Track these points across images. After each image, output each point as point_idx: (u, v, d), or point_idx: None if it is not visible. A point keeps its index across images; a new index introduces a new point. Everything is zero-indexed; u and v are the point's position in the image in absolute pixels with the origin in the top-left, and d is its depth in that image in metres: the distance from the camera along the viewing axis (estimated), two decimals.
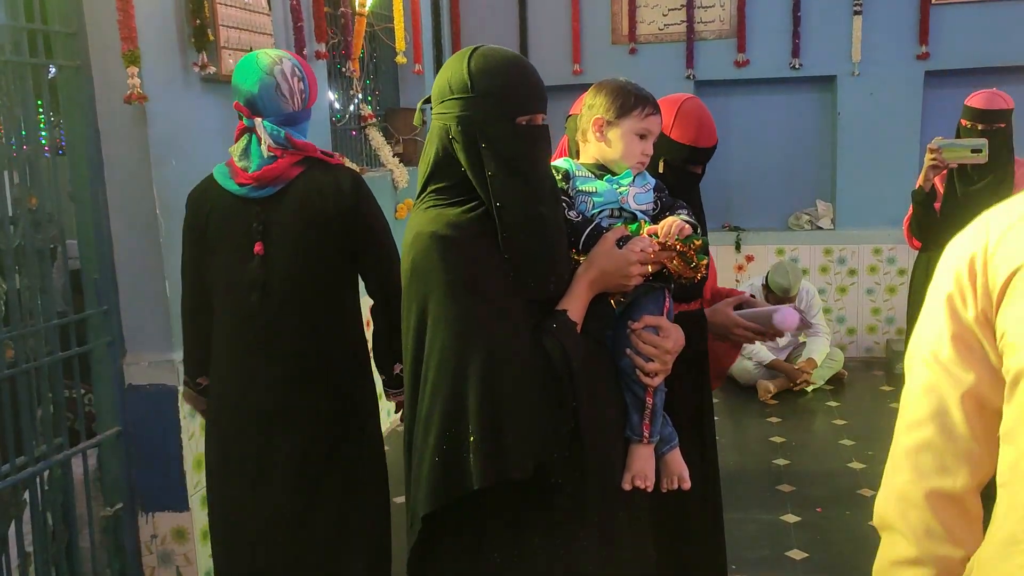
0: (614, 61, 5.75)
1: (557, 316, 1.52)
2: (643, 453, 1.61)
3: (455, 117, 1.51)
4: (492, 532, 1.51)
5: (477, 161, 1.50)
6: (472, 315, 1.44)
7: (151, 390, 2.86)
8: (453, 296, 1.45)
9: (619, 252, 1.56)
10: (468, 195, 1.52)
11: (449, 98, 1.52)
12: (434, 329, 1.46)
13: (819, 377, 5.12)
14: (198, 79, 3.00)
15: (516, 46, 5.84)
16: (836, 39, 5.53)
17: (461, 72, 1.51)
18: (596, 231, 1.58)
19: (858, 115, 5.55)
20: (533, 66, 1.57)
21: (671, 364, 1.63)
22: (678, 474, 1.67)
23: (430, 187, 1.55)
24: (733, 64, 5.65)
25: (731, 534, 2.50)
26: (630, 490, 1.59)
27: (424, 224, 1.50)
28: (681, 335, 1.66)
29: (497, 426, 1.41)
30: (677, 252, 1.59)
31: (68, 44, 2.67)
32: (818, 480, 3.85)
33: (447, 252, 1.46)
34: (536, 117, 1.53)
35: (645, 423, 1.60)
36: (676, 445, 1.69)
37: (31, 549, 2.54)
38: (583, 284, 1.56)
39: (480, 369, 1.42)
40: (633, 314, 1.63)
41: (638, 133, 1.68)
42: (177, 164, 2.90)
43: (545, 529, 1.52)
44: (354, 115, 4.76)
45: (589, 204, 1.65)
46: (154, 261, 2.83)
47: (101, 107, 2.74)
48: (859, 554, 3.17)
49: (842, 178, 5.67)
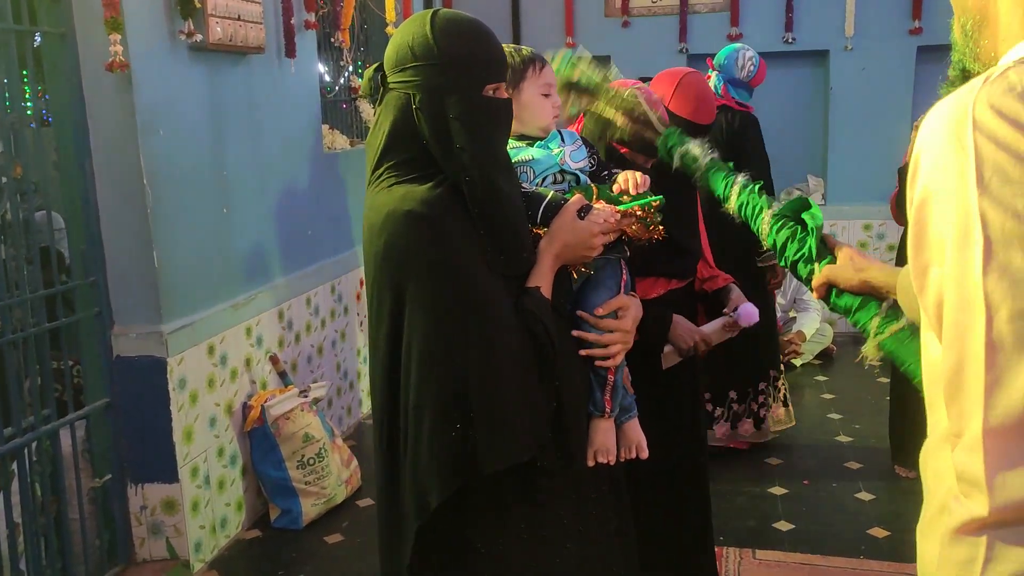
0: (607, 34, 5.71)
1: (531, 293, 1.48)
2: (604, 427, 1.60)
3: (419, 86, 1.41)
4: (475, 517, 1.47)
5: (444, 133, 1.41)
6: (461, 296, 1.39)
7: (139, 361, 2.85)
8: (439, 277, 1.39)
9: (582, 224, 1.51)
10: (429, 169, 1.43)
11: (411, 65, 1.41)
12: (418, 314, 1.39)
13: (808, 352, 5.15)
14: (185, 47, 2.96)
15: (508, 19, 5.79)
16: (829, 13, 5.50)
17: (425, 36, 1.40)
18: (555, 203, 1.55)
19: (850, 90, 5.53)
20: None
21: (632, 339, 1.61)
22: (636, 443, 1.66)
23: (386, 162, 1.45)
24: (726, 38, 5.61)
25: (719, 506, 2.53)
26: (593, 465, 1.58)
27: (394, 203, 1.40)
28: (639, 305, 1.65)
29: (501, 409, 1.38)
30: (637, 217, 1.57)
31: (52, 10, 2.62)
32: (806, 453, 3.88)
33: (425, 231, 1.38)
34: (500, 87, 1.47)
35: (607, 398, 1.59)
36: (635, 415, 1.68)
37: (20, 520, 2.54)
38: (548, 258, 1.51)
39: (477, 352, 1.38)
40: (591, 292, 1.61)
41: (542, 92, 1.67)
42: (164, 133, 2.87)
43: (529, 511, 1.49)
44: (344, 87, 4.71)
45: (530, 173, 1.63)
46: (142, 231, 2.80)
47: (86, 75, 2.70)
48: (844, 525, 3.21)
49: (833, 153, 5.66)
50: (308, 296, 3.88)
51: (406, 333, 1.40)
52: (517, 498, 1.48)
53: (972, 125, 0.77)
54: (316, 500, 3.33)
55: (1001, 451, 0.74)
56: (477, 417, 1.37)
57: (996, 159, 0.75)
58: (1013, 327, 0.74)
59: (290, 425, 3.29)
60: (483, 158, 1.43)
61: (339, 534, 3.27)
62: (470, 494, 1.43)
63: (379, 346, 1.46)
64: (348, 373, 4.31)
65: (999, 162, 0.75)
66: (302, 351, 3.81)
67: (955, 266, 0.77)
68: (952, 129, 0.79)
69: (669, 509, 2.25)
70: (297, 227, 3.80)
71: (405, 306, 1.40)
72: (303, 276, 3.83)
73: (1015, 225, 0.74)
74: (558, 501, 1.52)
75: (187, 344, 2.96)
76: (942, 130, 0.80)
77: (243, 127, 3.35)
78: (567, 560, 1.52)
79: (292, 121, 3.75)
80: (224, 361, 3.18)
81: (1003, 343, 0.74)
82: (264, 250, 3.52)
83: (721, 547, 2.97)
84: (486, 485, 1.43)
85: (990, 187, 0.75)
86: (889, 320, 1.36)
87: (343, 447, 3.60)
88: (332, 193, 4.15)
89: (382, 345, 1.45)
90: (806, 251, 1.51)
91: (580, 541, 1.55)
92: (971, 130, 0.77)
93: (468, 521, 1.46)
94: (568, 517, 1.53)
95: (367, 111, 4.74)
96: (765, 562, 2.96)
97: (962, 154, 0.77)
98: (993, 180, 0.75)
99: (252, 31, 3.23)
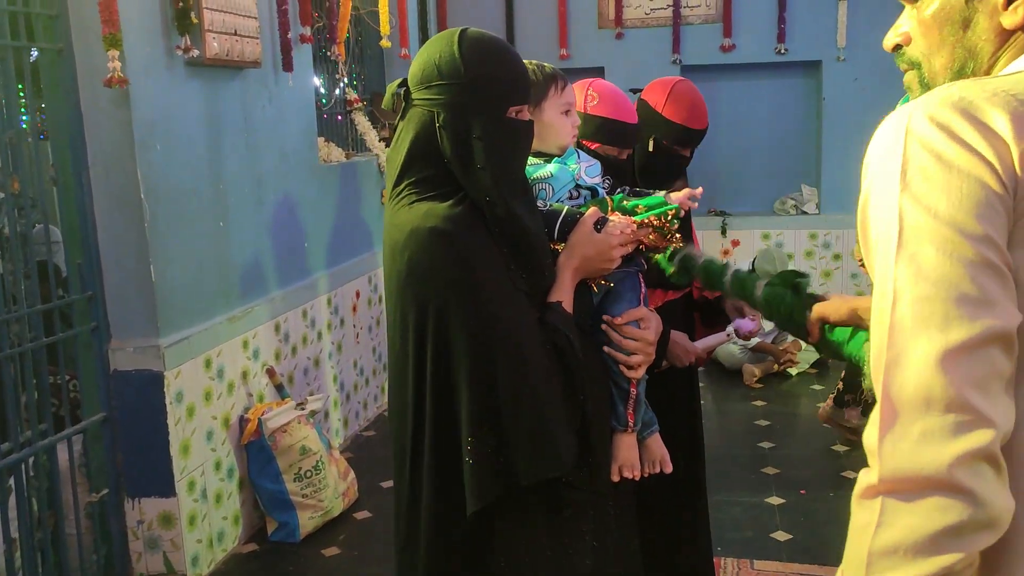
0: (600, 46, 5.74)
1: (554, 308, 1.49)
2: (628, 442, 1.60)
3: (444, 104, 1.41)
4: (499, 531, 1.46)
5: (466, 152, 1.41)
6: (488, 312, 1.39)
7: (136, 375, 2.85)
8: (465, 295, 1.38)
9: (599, 236, 1.53)
10: (450, 186, 1.43)
11: (437, 83, 1.41)
12: (446, 330, 1.38)
13: (804, 360, 5.16)
14: (182, 62, 2.97)
15: (503, 30, 5.82)
16: (822, 24, 5.54)
17: (452, 55, 1.41)
18: (570, 218, 1.56)
19: (843, 100, 5.56)
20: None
21: (654, 352, 1.62)
22: (659, 457, 1.66)
23: (407, 178, 1.45)
24: (719, 49, 5.65)
25: (716, 517, 2.53)
26: (618, 480, 1.58)
27: (417, 220, 1.39)
28: (659, 320, 1.66)
29: (536, 423, 1.39)
30: (654, 227, 1.59)
31: (50, 26, 2.64)
32: (802, 463, 3.88)
33: (450, 248, 1.38)
34: (524, 109, 1.48)
35: (630, 412, 1.59)
36: (656, 429, 1.68)
37: (17, 535, 2.54)
38: (568, 273, 1.52)
39: (507, 367, 1.38)
40: (612, 305, 1.62)
41: (562, 111, 1.68)
42: (161, 148, 2.88)
43: (553, 527, 1.49)
44: (340, 99, 4.73)
45: (548, 190, 1.65)
46: (139, 245, 2.81)
47: (84, 91, 2.71)
48: (842, 535, 3.20)
49: (827, 163, 5.69)
50: (304, 309, 3.88)
51: (432, 349, 1.40)
52: (542, 513, 1.48)
53: (906, 131, 0.84)
54: (313, 513, 3.32)
55: (891, 423, 0.81)
56: (512, 431, 1.37)
57: (920, 160, 0.82)
58: (912, 311, 0.80)
59: (287, 438, 3.29)
60: (503, 179, 1.43)
61: (336, 547, 3.27)
62: (494, 509, 1.43)
63: (405, 365, 1.45)
64: (345, 385, 4.31)
65: (922, 162, 0.82)
66: (299, 364, 3.81)
67: (880, 258, 0.84)
68: (891, 135, 0.86)
69: (668, 520, 2.25)
70: (293, 240, 3.81)
71: (429, 322, 1.40)
72: (300, 289, 3.84)
73: (928, 220, 0.81)
74: (581, 516, 1.52)
75: (184, 357, 2.96)
76: (884, 136, 0.87)
77: (240, 141, 3.36)
78: (584, 574, 1.52)
79: (288, 134, 3.77)
80: (221, 374, 3.18)
81: (903, 325, 0.81)
82: (261, 263, 3.52)
83: (719, 558, 2.97)
84: (511, 500, 1.43)
85: (911, 185, 0.82)
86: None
87: (340, 459, 3.60)
88: (328, 206, 4.16)
89: (410, 362, 1.44)
90: (798, 299, 1.56)
91: (601, 557, 1.55)
92: (904, 135, 0.84)
93: (491, 535, 1.46)
94: (590, 533, 1.53)
95: (362, 124, 4.76)
96: (763, 572, 2.96)
97: (895, 157, 0.84)
98: (915, 179, 0.82)
99: (248, 46, 3.24)
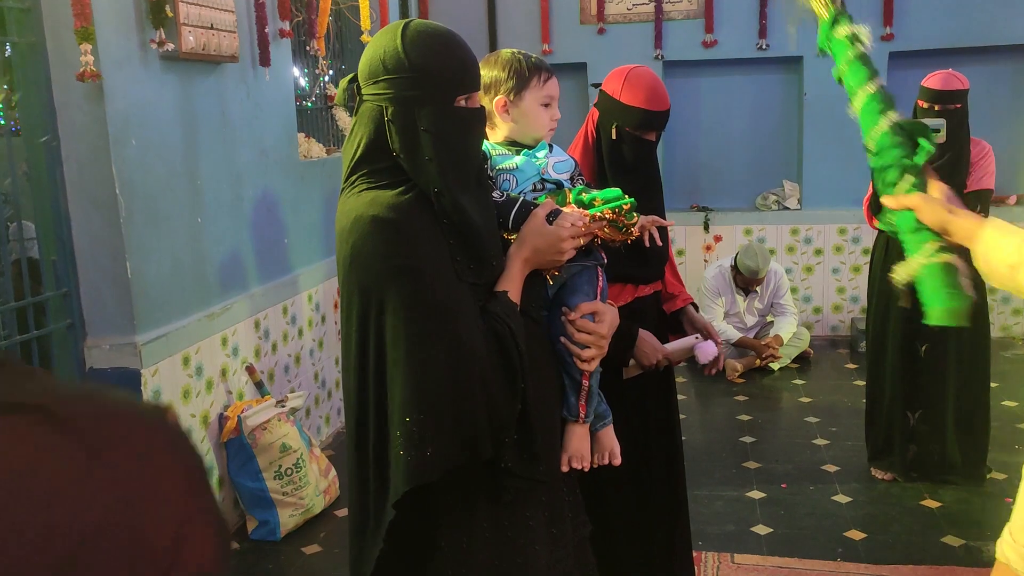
0: (583, 41, 5.73)
1: (499, 298, 1.49)
2: (579, 433, 1.61)
3: (391, 98, 1.41)
4: (442, 516, 1.47)
5: (414, 145, 1.42)
6: (427, 300, 1.39)
7: (113, 373, 2.82)
8: (404, 282, 1.39)
9: (550, 228, 1.53)
10: (401, 177, 1.44)
11: (383, 77, 1.42)
12: (383, 316, 1.39)
13: (786, 355, 5.18)
14: (156, 56, 2.94)
15: (485, 25, 5.80)
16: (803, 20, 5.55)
17: (396, 49, 1.41)
18: (524, 208, 1.56)
19: (824, 96, 5.57)
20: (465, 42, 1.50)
21: (607, 346, 1.63)
22: (609, 449, 1.68)
23: (359, 171, 1.46)
24: (701, 44, 5.66)
25: (697, 511, 2.53)
26: (567, 471, 1.60)
27: (361, 208, 1.41)
28: (616, 314, 1.67)
29: (468, 411, 1.39)
30: (608, 220, 1.58)
31: (22, 20, 2.60)
32: (783, 456, 3.90)
33: (391, 236, 1.39)
34: (473, 96, 1.48)
35: (581, 403, 1.60)
36: (610, 422, 1.69)
37: None
38: (517, 263, 1.53)
39: (446, 355, 1.38)
40: (568, 298, 1.62)
41: (542, 103, 1.69)
42: (137, 143, 2.85)
43: (496, 514, 1.50)
44: (320, 95, 4.70)
45: (512, 182, 1.65)
46: (115, 242, 2.78)
47: (57, 85, 2.68)
48: (821, 528, 3.23)
49: (808, 159, 5.71)
50: (285, 305, 3.86)
51: (372, 335, 1.41)
52: (482, 498, 1.49)
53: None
54: (294, 511, 3.31)
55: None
56: (437, 417, 1.37)
57: None
58: None
59: (267, 435, 3.26)
60: (452, 170, 1.44)
61: (317, 545, 3.25)
62: (437, 494, 1.44)
63: (349, 349, 1.47)
64: (326, 382, 4.29)
65: None
66: (279, 361, 3.79)
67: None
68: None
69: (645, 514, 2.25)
70: (273, 236, 3.78)
71: (371, 309, 1.41)
72: (279, 285, 3.81)
73: None
74: (525, 503, 1.53)
75: (162, 355, 2.93)
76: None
77: (217, 136, 3.33)
78: (535, 562, 1.53)
79: (267, 130, 3.74)
80: (200, 372, 3.16)
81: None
82: (240, 259, 3.49)
83: (699, 551, 2.97)
84: (452, 485, 1.44)
85: None
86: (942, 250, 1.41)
87: (321, 457, 3.58)
88: (309, 201, 4.13)
89: (352, 348, 1.45)
90: (909, 162, 1.51)
91: (551, 544, 1.56)
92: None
93: (434, 521, 1.48)
94: (536, 519, 1.54)
95: (343, 119, 4.73)
96: (743, 566, 2.97)
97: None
98: None
99: (226, 40, 3.21)
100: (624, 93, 2.12)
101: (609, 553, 2.13)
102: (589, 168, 2.14)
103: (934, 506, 3.36)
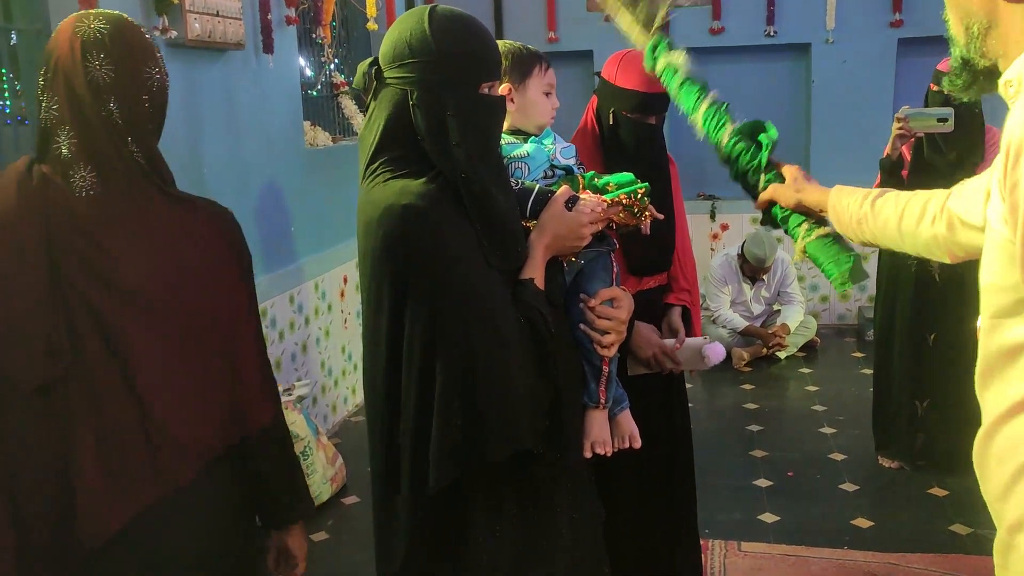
0: (589, 28, 5.69)
1: (526, 285, 1.50)
2: (600, 418, 1.62)
3: (416, 81, 1.41)
4: (471, 504, 1.48)
5: (441, 129, 1.41)
6: (462, 287, 1.40)
7: None
8: (439, 269, 1.39)
9: (571, 215, 1.54)
10: (423, 164, 1.43)
11: (409, 61, 1.41)
12: (420, 305, 1.38)
13: (792, 344, 5.17)
14: (162, 44, 2.93)
15: (491, 13, 5.76)
16: (810, 7, 5.51)
17: (423, 32, 1.41)
18: (541, 196, 1.57)
19: (832, 83, 5.55)
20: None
21: (625, 331, 1.64)
22: (629, 433, 1.69)
23: (380, 158, 1.45)
24: (708, 31, 5.62)
25: (704, 499, 2.53)
26: (590, 456, 1.61)
27: (392, 197, 1.39)
28: (631, 300, 1.67)
29: (506, 397, 1.40)
30: (624, 205, 1.60)
31: (27, 7, 2.59)
32: (790, 445, 3.89)
33: (425, 225, 1.38)
34: (495, 84, 1.49)
35: (601, 389, 1.61)
36: (627, 406, 1.71)
37: None
38: (539, 250, 1.53)
39: (485, 343, 1.39)
40: (586, 284, 1.63)
41: (544, 91, 1.74)
42: None
43: (523, 498, 1.51)
44: (326, 83, 4.69)
45: (525, 169, 1.67)
46: None
47: None
48: (829, 516, 3.22)
49: (816, 146, 5.68)
50: (291, 294, 3.86)
51: (408, 325, 1.40)
52: (512, 485, 1.50)
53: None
54: None
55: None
56: (483, 405, 1.38)
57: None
58: None
59: None
60: (478, 155, 1.44)
61: (324, 532, 3.26)
62: (466, 481, 1.44)
63: (379, 340, 1.45)
64: (332, 371, 4.29)
65: None
66: (286, 349, 3.79)
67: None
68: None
69: (651, 502, 2.25)
70: (279, 225, 3.78)
71: (407, 299, 1.40)
72: (286, 274, 3.81)
73: None
74: (552, 488, 1.54)
75: None
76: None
77: (222, 125, 3.33)
78: (561, 545, 1.54)
79: (273, 118, 3.73)
80: None
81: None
82: None
83: (706, 540, 2.97)
84: (482, 474, 1.45)
85: None
86: (815, 228, 1.60)
87: (328, 445, 3.59)
88: (315, 190, 4.12)
89: (383, 339, 1.44)
90: (756, 163, 1.69)
91: (573, 528, 1.57)
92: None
93: (464, 508, 1.48)
94: (562, 504, 1.55)
95: (349, 107, 4.72)
96: (751, 554, 2.97)
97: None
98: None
99: (231, 27, 3.20)
100: (619, 76, 2.09)
101: (614, 541, 2.13)
102: (589, 155, 2.11)
103: (942, 494, 3.35)
